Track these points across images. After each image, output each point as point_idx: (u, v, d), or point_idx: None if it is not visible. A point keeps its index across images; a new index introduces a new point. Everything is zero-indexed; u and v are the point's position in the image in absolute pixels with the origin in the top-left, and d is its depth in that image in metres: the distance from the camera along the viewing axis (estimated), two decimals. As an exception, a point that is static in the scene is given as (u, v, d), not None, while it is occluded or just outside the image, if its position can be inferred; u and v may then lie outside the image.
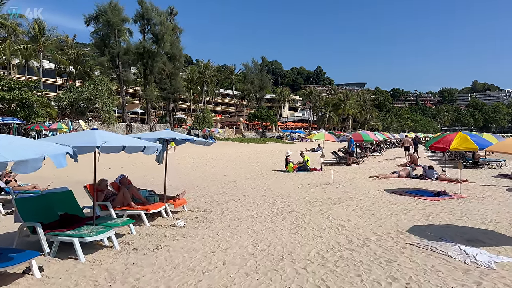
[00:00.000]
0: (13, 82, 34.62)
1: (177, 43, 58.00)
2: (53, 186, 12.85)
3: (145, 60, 51.36)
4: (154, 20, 52.06)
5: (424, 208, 9.15)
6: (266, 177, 16.06)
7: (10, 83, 34.38)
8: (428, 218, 8.02)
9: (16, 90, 33.60)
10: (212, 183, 14.16)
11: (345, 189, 12.31)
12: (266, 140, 59.87)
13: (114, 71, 50.83)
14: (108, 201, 7.87)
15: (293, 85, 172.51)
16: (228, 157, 27.75)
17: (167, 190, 12.65)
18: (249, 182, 14.54)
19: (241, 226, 7.39)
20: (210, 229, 7.15)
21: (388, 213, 8.59)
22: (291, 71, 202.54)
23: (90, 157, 6.24)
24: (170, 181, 14.66)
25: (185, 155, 27.05)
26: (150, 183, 13.17)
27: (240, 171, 18.69)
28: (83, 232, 5.79)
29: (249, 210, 9.00)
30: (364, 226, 7.33)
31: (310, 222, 7.64)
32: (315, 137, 19.22)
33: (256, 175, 16.99)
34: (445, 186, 13.04)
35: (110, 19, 46.33)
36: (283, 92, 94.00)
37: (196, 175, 16.95)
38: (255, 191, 12.02)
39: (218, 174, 17.31)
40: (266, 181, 14.69)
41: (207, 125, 54.63)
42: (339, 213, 8.55)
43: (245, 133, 67.97)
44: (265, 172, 18.20)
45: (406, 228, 7.20)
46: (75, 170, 17.06)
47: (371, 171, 18.58)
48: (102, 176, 10.04)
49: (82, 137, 5.92)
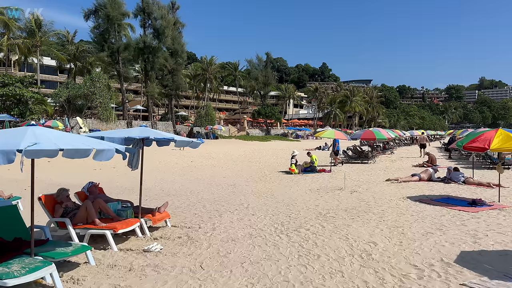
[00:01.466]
0: (6, 78, 33.16)
1: (179, 38, 56.31)
2: (27, 192, 11.27)
3: (146, 55, 49.79)
4: (155, 14, 50.41)
5: (463, 223, 7.38)
6: (270, 180, 14.32)
7: (4, 78, 32.93)
8: (475, 240, 6.25)
9: (9, 86, 32.14)
10: (207, 187, 12.45)
11: (361, 196, 10.54)
12: (271, 138, 58.10)
13: (114, 67, 49.35)
14: (68, 217, 6.21)
15: (298, 82, 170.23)
16: (230, 156, 26.05)
17: (156, 196, 11.06)
18: (250, 186, 12.81)
19: (234, 252, 5.67)
20: (193, 257, 5.44)
21: (421, 231, 6.84)
22: (296, 68, 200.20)
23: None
24: (162, 185, 13.02)
25: (185, 154, 25.40)
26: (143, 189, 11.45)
27: (241, 172, 16.97)
28: (9, 271, 4.11)
29: (247, 225, 7.28)
30: (396, 253, 5.58)
31: (324, 246, 5.90)
32: (324, 135, 17.41)
33: (259, 177, 15.26)
34: (476, 192, 11.23)
35: (110, 13, 44.84)
36: (288, 89, 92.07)
37: (193, 177, 15.26)
38: (256, 199, 10.29)
39: (217, 175, 15.60)
40: (269, 185, 12.95)
41: (210, 123, 52.90)
42: (360, 231, 6.80)
43: (249, 131, 66.22)
44: (269, 173, 16.47)
45: (452, 255, 5.45)
46: (60, 172, 15.45)
47: (386, 172, 16.78)
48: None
49: (6, 136, 4.23)
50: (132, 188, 11.61)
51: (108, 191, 11.94)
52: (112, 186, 12.24)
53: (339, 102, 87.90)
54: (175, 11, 58.36)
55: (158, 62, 51.69)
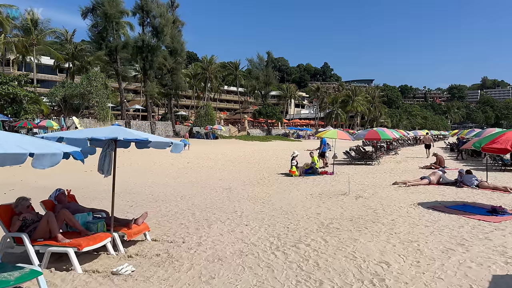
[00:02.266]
0: (1, 77, 32.26)
1: (179, 37, 55.44)
2: (13, 194, 10.37)
3: (145, 54, 48.91)
4: (154, 12, 49.52)
5: (487, 237, 6.42)
6: (268, 183, 13.37)
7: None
8: (506, 259, 5.29)
9: (3, 85, 31.24)
10: (200, 191, 11.51)
11: (368, 202, 9.58)
12: (272, 138, 57.16)
13: (112, 66, 48.51)
14: (27, 231, 5.28)
15: (299, 82, 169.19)
16: (229, 157, 25.11)
17: (143, 202, 10.07)
18: (247, 189, 11.86)
19: (219, 276, 4.72)
20: (169, 284, 4.49)
21: (440, 246, 5.88)
22: (297, 68, 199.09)
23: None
24: (152, 189, 12.09)
25: (182, 155, 24.48)
26: (130, 194, 10.52)
27: (239, 174, 16.02)
28: None
29: (238, 239, 6.34)
30: (414, 278, 4.62)
31: (327, 268, 4.95)
32: (326, 135, 16.41)
33: (256, 180, 14.31)
34: (493, 197, 10.26)
35: (107, 11, 44.02)
36: (289, 89, 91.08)
37: (187, 179, 14.32)
38: (252, 205, 9.34)
39: (212, 178, 14.66)
40: (267, 189, 12.00)
41: (210, 122, 51.97)
42: (369, 247, 5.84)
43: (250, 131, 65.31)
44: (267, 175, 15.52)
45: (483, 282, 4.50)
46: (47, 173, 14.54)
47: (391, 175, 15.81)
48: (79, 181, 7.46)
49: None
50: (120, 193, 10.69)
51: (93, 195, 11.05)
52: (99, 189, 11.33)
53: (341, 102, 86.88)
54: (174, 9, 57.49)
55: (157, 61, 50.83)
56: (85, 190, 11.17)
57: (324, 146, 18.97)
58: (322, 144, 18.91)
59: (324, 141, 18.87)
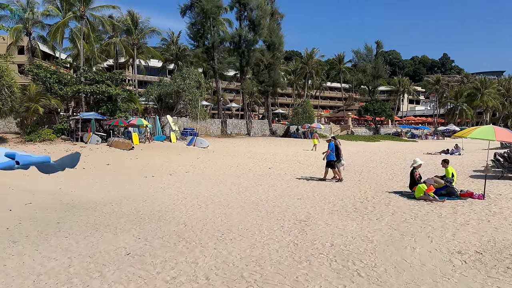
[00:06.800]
0: (98, 75, 32.53)
1: (277, 30, 51.81)
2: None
3: (241, 50, 46.61)
4: (251, 4, 46.79)
5: None
6: (371, 212, 8.17)
7: (95, 76, 32.33)
8: None
9: (99, 84, 31.31)
10: (255, 224, 6.95)
11: None
12: (380, 138, 49.67)
13: (209, 63, 47.35)
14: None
15: (413, 76, 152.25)
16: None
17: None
18: (331, 225, 6.91)
19: None
20: None
21: None
22: (411, 60, 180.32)
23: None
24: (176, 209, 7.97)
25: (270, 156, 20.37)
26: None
27: (330, 189, 11.01)
28: None
29: None
30: None
31: None
32: (473, 134, 9.99)
33: (352, 202, 9.18)
34: None
35: (204, 6, 42.75)
36: (402, 82, 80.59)
37: (255, 196, 9.92)
38: (332, 276, 4.47)
39: (290, 194, 9.97)
40: (368, 228, 6.86)
41: (308, 120, 47.14)
42: None
43: (354, 129, 58.58)
44: (372, 194, 10.21)
45: None
46: (45, 179, 11.56)
47: None
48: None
49: None
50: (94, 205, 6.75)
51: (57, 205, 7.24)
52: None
53: (466, 96, 73.58)
54: (273, 1, 54.16)
55: (254, 56, 48.05)
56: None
57: (332, 151, 12.82)
58: (329, 150, 12.75)
59: (331, 145, 12.78)
